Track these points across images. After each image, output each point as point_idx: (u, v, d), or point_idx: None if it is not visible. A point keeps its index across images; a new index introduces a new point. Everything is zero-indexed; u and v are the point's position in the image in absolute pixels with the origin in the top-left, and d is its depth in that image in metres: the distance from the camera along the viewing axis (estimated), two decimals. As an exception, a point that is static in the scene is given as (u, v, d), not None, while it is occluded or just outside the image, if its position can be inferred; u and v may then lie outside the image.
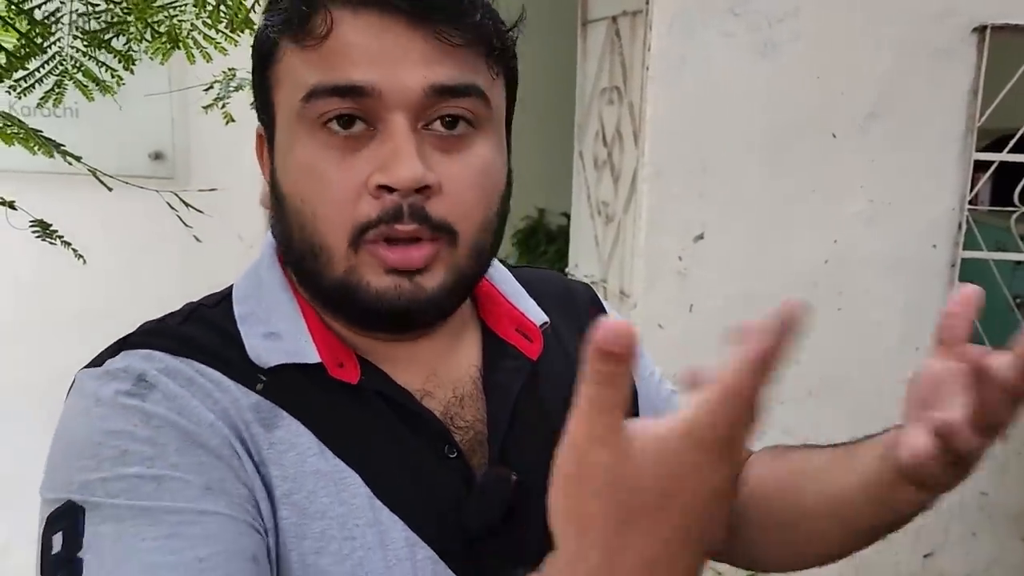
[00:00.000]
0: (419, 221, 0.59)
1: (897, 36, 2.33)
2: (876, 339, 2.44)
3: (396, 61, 0.58)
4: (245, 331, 0.65)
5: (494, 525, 0.64)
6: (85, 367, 0.63)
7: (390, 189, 0.59)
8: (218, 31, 1.23)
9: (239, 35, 1.20)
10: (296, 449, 0.60)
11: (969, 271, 2.67)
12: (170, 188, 2.50)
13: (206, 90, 1.21)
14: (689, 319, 2.43)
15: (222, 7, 1.10)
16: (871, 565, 2.53)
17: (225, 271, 2.67)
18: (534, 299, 0.77)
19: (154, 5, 1.19)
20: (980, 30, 2.30)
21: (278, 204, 0.64)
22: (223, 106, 1.24)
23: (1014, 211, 2.41)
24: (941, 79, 2.34)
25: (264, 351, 0.63)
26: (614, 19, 2.64)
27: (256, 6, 1.16)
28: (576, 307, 0.82)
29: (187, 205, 1.14)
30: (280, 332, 0.65)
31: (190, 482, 0.55)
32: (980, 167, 2.47)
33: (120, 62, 1.24)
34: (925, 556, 2.54)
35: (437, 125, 0.61)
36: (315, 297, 0.66)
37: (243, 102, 1.31)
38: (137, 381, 0.58)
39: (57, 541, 0.53)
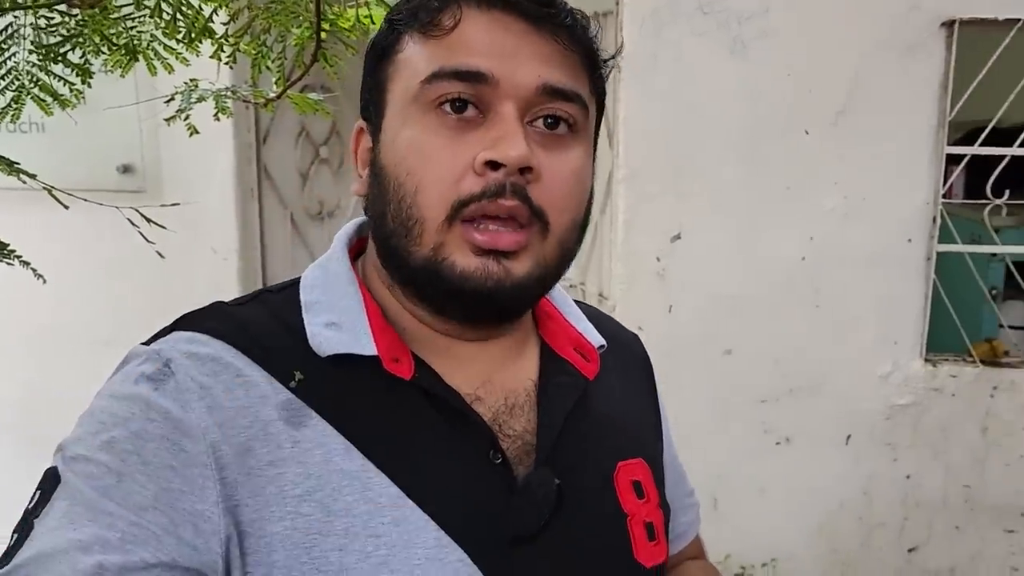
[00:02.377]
0: (520, 199, 0.62)
1: (866, 32, 2.33)
2: (854, 334, 2.45)
3: (515, 55, 0.63)
4: (309, 319, 0.66)
5: (533, 529, 0.65)
6: (144, 341, 0.66)
7: (495, 166, 0.61)
8: (178, 41, 1.21)
9: (199, 45, 1.18)
10: (323, 448, 0.61)
11: (945, 264, 2.68)
12: (141, 202, 2.47)
13: (167, 102, 1.19)
14: (669, 320, 2.42)
15: (179, 17, 1.08)
16: (856, 562, 2.53)
17: (200, 284, 2.63)
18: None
19: (111, 17, 1.16)
20: (948, 24, 2.31)
21: (377, 182, 0.66)
22: (186, 118, 1.22)
23: (987, 204, 2.41)
24: (911, 74, 2.34)
25: (324, 339, 0.65)
26: (585, 21, 2.63)
27: (215, 15, 1.14)
28: (628, 353, 0.85)
29: (148, 220, 1.11)
30: (341, 323, 0.66)
31: (145, 488, 0.56)
32: (956, 160, 2.49)
33: (78, 75, 1.22)
34: (910, 551, 2.54)
35: (539, 123, 0.65)
36: (400, 280, 0.68)
37: (207, 114, 1.29)
38: (162, 366, 0.61)
39: (34, 498, 0.58)
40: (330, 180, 3.03)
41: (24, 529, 0.56)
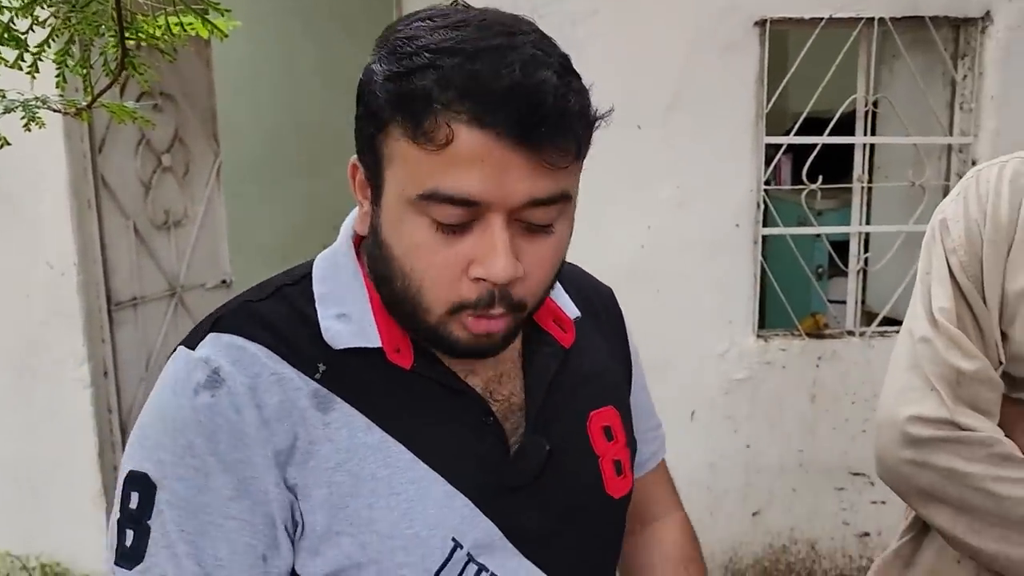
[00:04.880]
0: (504, 305, 0.72)
1: (688, 31, 2.48)
2: (693, 316, 2.60)
3: (504, 177, 0.66)
4: (322, 312, 0.77)
5: (527, 483, 0.79)
6: (183, 341, 0.76)
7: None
8: (-19, 51, 1.18)
9: None
10: (348, 427, 0.74)
11: (777, 246, 2.88)
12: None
13: (-31, 114, 1.16)
14: (519, 312, 2.50)
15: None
16: (706, 529, 2.68)
17: (36, 300, 2.53)
18: (568, 293, 0.90)
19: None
20: (761, 23, 2.49)
21: (382, 253, 0.73)
22: (-7, 129, 1.18)
23: (803, 189, 2.61)
24: (731, 70, 2.51)
25: (335, 334, 0.76)
26: (426, 23, 2.68)
27: (14, 21, 1.11)
28: (599, 304, 0.96)
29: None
30: (350, 314, 0.77)
31: (227, 481, 0.70)
32: (790, 149, 2.68)
33: None
34: (753, 514, 2.72)
35: (528, 218, 0.70)
36: (401, 322, 0.77)
37: (15, 123, 1.25)
38: (212, 374, 0.72)
39: (134, 499, 0.71)
40: (175, 188, 2.95)
41: (140, 530, 0.71)
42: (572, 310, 0.88)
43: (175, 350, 0.77)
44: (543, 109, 0.65)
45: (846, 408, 2.64)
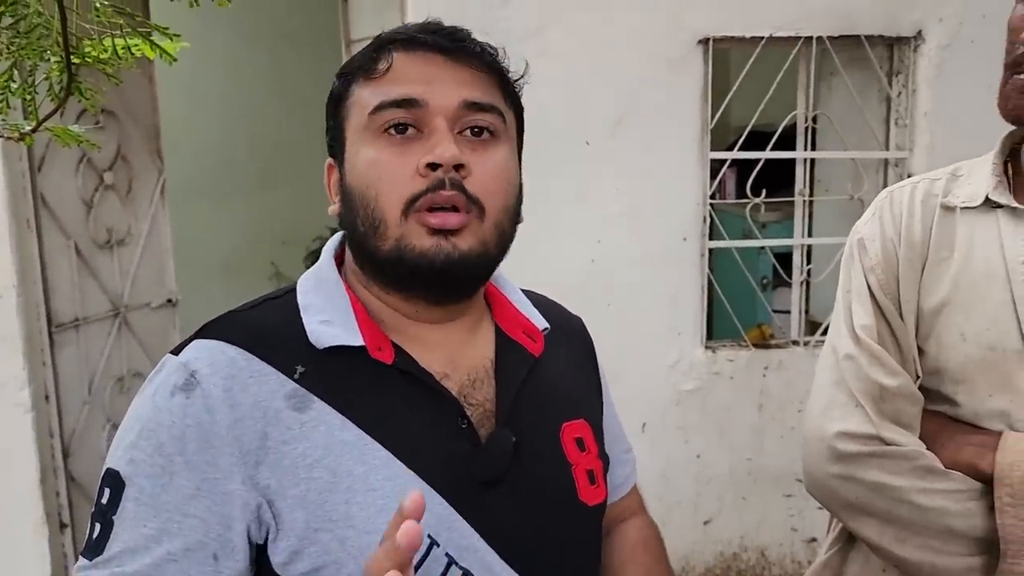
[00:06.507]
0: (458, 190, 0.78)
1: (634, 50, 2.53)
2: (644, 328, 2.64)
3: (439, 83, 0.80)
4: (307, 319, 0.81)
5: (496, 478, 0.81)
6: (173, 350, 0.80)
7: (434, 167, 0.77)
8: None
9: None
10: (325, 425, 0.77)
11: (723, 259, 2.93)
12: None
13: (-94, 139, 1.12)
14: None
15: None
16: (659, 539, 2.72)
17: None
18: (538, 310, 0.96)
19: None
20: (704, 42, 2.54)
21: (347, 199, 0.82)
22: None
23: (749, 202, 2.67)
24: (676, 87, 2.56)
25: (321, 334, 0.80)
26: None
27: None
28: (569, 330, 1.01)
29: None
30: (333, 320, 0.81)
31: (190, 480, 0.73)
32: (735, 164, 2.73)
33: None
34: (705, 523, 2.76)
35: (467, 132, 0.81)
36: (373, 272, 0.83)
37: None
38: (189, 377, 0.76)
39: (106, 495, 0.75)
40: (118, 206, 2.89)
41: (105, 524, 0.74)
42: (541, 322, 0.93)
43: (163, 359, 0.81)
44: (463, 36, 0.82)
45: (792, 416, 2.70)
